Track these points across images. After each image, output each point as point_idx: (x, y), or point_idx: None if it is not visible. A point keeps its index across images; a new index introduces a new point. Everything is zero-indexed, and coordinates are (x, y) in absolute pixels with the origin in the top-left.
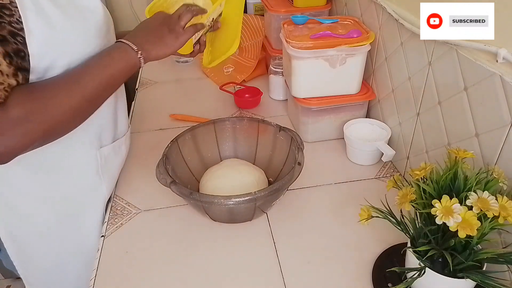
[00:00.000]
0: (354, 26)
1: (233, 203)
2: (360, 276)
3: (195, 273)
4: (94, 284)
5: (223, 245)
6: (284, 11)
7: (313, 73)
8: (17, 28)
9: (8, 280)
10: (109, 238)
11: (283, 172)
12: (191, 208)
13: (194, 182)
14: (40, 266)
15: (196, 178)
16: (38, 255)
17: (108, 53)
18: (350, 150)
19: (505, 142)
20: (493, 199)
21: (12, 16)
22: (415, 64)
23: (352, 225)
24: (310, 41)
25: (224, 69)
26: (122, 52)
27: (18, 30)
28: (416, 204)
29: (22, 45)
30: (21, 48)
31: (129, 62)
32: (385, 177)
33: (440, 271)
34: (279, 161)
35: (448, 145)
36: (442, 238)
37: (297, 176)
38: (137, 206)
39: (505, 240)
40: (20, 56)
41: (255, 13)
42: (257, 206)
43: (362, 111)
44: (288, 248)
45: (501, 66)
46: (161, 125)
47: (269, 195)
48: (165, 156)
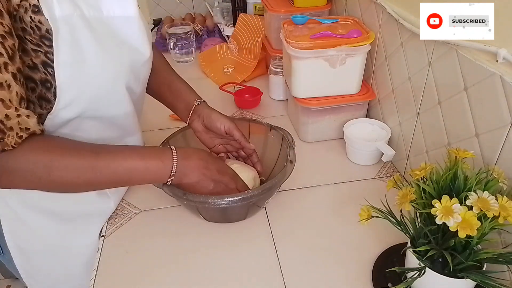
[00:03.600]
0: (354, 26)
1: (226, 203)
2: (360, 276)
3: (195, 273)
4: (94, 284)
5: (223, 245)
6: (284, 11)
7: (313, 73)
8: (51, 60)
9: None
10: (109, 238)
11: (275, 170)
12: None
13: None
14: (47, 278)
15: None
16: (45, 268)
17: (145, 160)
18: (350, 150)
19: (505, 142)
20: (493, 199)
21: (50, 47)
22: (415, 64)
23: (352, 225)
24: (310, 41)
25: (224, 69)
26: (159, 170)
27: (52, 61)
28: (416, 204)
29: (51, 76)
30: (49, 78)
31: (157, 179)
32: (385, 177)
33: (440, 271)
34: (271, 160)
35: (448, 145)
36: (442, 238)
37: (289, 174)
38: (137, 206)
39: (505, 240)
40: (46, 87)
41: (255, 13)
42: (250, 204)
43: (362, 111)
44: (288, 248)
45: (501, 66)
46: (161, 125)
47: (262, 194)
48: None
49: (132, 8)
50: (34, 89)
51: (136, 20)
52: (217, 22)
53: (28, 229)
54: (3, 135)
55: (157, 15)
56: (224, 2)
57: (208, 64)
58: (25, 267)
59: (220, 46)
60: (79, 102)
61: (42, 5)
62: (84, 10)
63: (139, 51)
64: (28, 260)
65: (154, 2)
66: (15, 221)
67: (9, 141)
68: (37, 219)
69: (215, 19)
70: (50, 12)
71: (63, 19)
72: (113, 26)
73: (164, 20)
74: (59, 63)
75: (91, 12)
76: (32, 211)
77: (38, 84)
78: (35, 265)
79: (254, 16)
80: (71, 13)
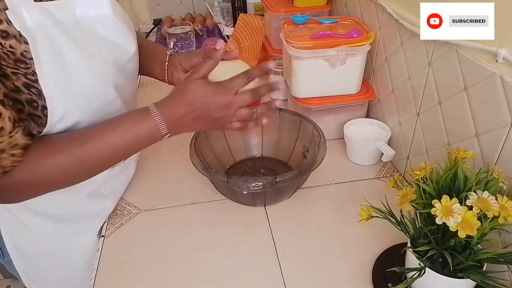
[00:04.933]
0: (354, 26)
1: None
2: (360, 276)
3: (195, 273)
4: (94, 284)
5: (223, 245)
6: (284, 11)
7: (313, 73)
8: (32, 80)
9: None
10: (109, 238)
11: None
12: (191, 208)
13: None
14: (47, 279)
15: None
16: (44, 269)
17: (130, 125)
18: (350, 150)
19: (505, 142)
20: (493, 199)
21: (28, 69)
22: (415, 64)
23: (352, 225)
24: (310, 41)
25: None
26: (149, 134)
27: (33, 82)
28: (416, 204)
29: (35, 95)
30: (34, 98)
31: (152, 141)
32: (385, 177)
33: (440, 271)
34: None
35: (448, 145)
36: (442, 238)
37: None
38: (137, 206)
39: (505, 240)
40: (33, 106)
41: (255, 13)
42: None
43: (362, 111)
44: (288, 248)
45: (501, 66)
46: None
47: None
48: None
49: (106, 6)
50: (21, 110)
51: (112, 18)
52: (217, 22)
53: (26, 231)
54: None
55: (157, 15)
56: (224, 2)
57: None
58: (24, 268)
59: None
60: (73, 112)
61: (11, 17)
62: (57, 15)
63: (122, 47)
64: (28, 261)
65: (154, 2)
66: (14, 223)
67: (5, 163)
68: (35, 220)
69: (215, 19)
70: (20, 23)
71: (37, 28)
72: (90, 27)
73: (164, 20)
74: (44, 73)
75: (64, 16)
76: (30, 212)
77: (24, 105)
78: (35, 266)
79: (254, 16)
80: (44, 20)
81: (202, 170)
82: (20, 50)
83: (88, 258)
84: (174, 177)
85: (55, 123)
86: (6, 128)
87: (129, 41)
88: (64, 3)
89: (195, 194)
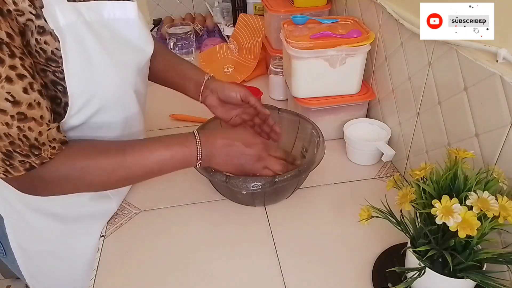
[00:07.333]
0: (354, 26)
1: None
2: (360, 276)
3: (195, 273)
4: (94, 284)
5: (223, 245)
6: (284, 11)
7: (313, 73)
8: (60, 78)
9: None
10: (109, 238)
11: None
12: (191, 208)
13: None
14: (50, 279)
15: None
16: (48, 268)
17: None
18: (350, 150)
19: (505, 142)
20: (493, 199)
21: (58, 67)
22: (415, 64)
23: (352, 225)
24: (310, 41)
25: (224, 69)
26: (186, 156)
27: (60, 79)
28: (416, 204)
29: (60, 93)
30: (58, 95)
31: (186, 164)
32: (385, 177)
33: (440, 271)
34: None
35: (448, 145)
36: (442, 238)
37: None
38: (137, 206)
39: (505, 240)
40: (56, 103)
41: (255, 13)
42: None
43: (362, 111)
44: (288, 248)
45: (501, 66)
46: (161, 125)
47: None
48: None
49: (132, 9)
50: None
51: (136, 21)
52: (217, 22)
53: (31, 230)
54: (40, 151)
55: (157, 15)
56: (224, 2)
57: (208, 64)
58: (28, 267)
59: (220, 46)
60: (88, 109)
61: (46, 16)
62: (86, 16)
63: (142, 50)
64: (31, 261)
65: (154, 2)
66: (19, 222)
67: (46, 154)
68: (40, 220)
69: (215, 19)
70: (54, 22)
71: (68, 28)
72: (115, 29)
73: (164, 20)
74: (70, 73)
75: (93, 17)
76: (35, 212)
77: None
78: (38, 265)
79: (254, 16)
80: (75, 20)
81: (201, 170)
82: (52, 48)
83: (91, 258)
84: (173, 177)
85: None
86: (45, 117)
87: (149, 43)
88: (94, 4)
89: (194, 194)
